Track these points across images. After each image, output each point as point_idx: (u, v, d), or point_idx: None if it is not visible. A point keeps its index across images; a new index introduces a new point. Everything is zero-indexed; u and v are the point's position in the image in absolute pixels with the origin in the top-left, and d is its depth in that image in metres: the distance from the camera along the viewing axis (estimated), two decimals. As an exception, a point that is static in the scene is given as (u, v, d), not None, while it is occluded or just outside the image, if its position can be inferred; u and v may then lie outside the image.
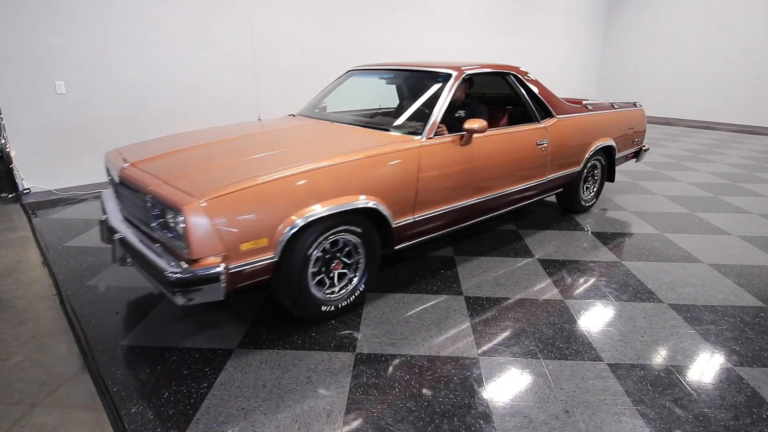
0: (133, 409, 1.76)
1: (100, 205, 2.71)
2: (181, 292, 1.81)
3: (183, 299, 1.83)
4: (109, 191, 2.70)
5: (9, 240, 3.45)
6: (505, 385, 1.92)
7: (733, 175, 5.93)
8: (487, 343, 2.20)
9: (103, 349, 2.12)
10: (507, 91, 3.46)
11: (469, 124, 2.65)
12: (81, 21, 4.42)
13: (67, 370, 1.99)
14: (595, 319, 2.44)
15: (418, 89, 3.32)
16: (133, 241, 2.14)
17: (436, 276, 2.87)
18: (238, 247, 1.89)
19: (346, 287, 2.40)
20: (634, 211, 4.26)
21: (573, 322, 2.40)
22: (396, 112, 3.66)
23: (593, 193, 4.18)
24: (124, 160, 2.41)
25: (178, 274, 1.80)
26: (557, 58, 10.86)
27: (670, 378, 1.99)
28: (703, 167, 6.34)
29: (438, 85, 2.91)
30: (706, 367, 2.08)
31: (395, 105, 3.85)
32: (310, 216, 2.04)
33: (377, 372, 1.98)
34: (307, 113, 3.44)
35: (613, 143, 4.01)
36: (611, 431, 1.69)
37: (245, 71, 5.67)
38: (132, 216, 2.29)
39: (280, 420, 1.71)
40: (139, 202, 2.12)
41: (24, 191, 4.40)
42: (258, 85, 5.77)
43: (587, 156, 3.75)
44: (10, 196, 4.40)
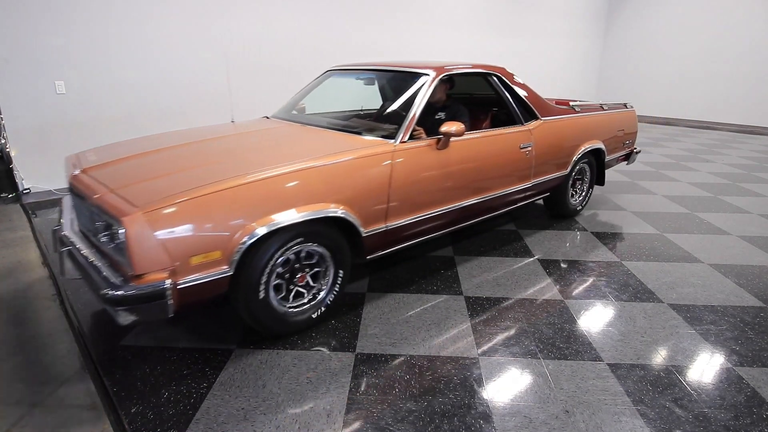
0: (133, 409, 1.76)
1: (57, 214, 2.50)
2: (124, 310, 1.68)
3: (127, 318, 1.70)
4: (68, 199, 2.54)
5: (9, 240, 3.45)
6: (505, 385, 1.92)
7: (733, 175, 5.93)
8: (487, 343, 2.20)
9: (103, 349, 2.12)
10: (491, 92, 3.34)
11: (446, 127, 2.52)
12: (81, 21, 4.42)
13: (67, 370, 1.99)
14: (595, 319, 2.44)
15: (397, 90, 3.21)
16: (78, 254, 2.00)
17: (436, 276, 2.87)
18: (188, 261, 1.76)
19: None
20: (634, 211, 4.26)
21: (573, 322, 2.40)
22: (375, 114, 3.56)
23: (582, 197, 4.05)
24: (75, 165, 2.30)
25: (118, 291, 1.67)
26: (557, 58, 10.86)
27: (670, 378, 1.99)
28: (703, 167, 6.34)
29: (415, 85, 2.78)
30: (706, 367, 2.08)
31: (378, 105, 3.72)
32: (269, 227, 1.91)
33: (377, 372, 1.98)
34: (282, 115, 3.28)
35: (602, 146, 3.88)
36: (611, 431, 1.69)
37: (245, 71, 5.67)
38: (83, 226, 2.15)
39: (280, 420, 1.71)
40: (87, 212, 2.01)
41: (24, 191, 4.40)
42: (257, 85, 5.77)
43: (575, 159, 3.62)
44: (10, 196, 4.40)
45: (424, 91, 2.69)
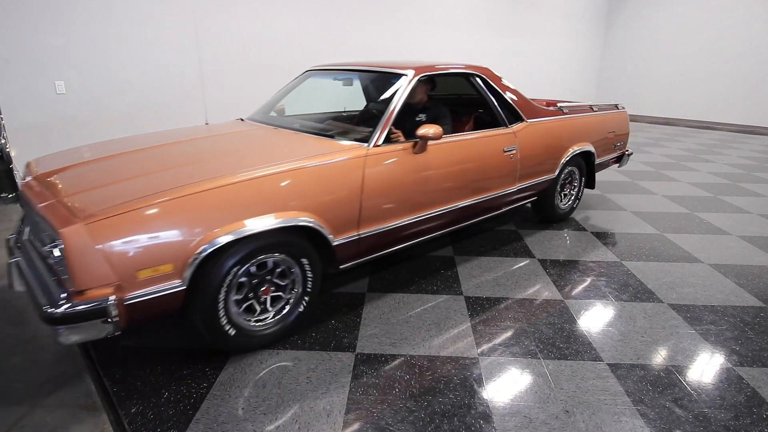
0: (133, 409, 1.76)
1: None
2: (65, 329, 1.57)
3: (68, 338, 1.58)
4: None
5: (9, 240, 3.44)
6: (505, 385, 1.92)
7: (733, 175, 5.93)
8: (487, 343, 2.20)
9: (103, 349, 2.12)
10: (475, 93, 3.22)
11: (423, 130, 2.40)
12: (81, 21, 4.42)
13: (67, 370, 1.99)
14: (595, 319, 2.44)
15: (377, 91, 3.12)
16: (24, 266, 1.88)
17: (436, 276, 2.87)
18: (135, 275, 1.64)
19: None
20: (634, 211, 4.26)
21: (573, 322, 2.40)
22: (355, 116, 3.46)
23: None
24: (29, 172, 2.18)
25: (58, 309, 1.55)
26: (557, 58, 10.86)
27: (670, 378, 1.99)
28: (703, 167, 6.34)
29: (393, 86, 2.65)
30: (706, 367, 2.08)
31: (362, 106, 3.60)
32: (224, 238, 1.77)
33: (377, 372, 1.98)
34: (257, 117, 3.14)
35: (591, 148, 3.75)
36: (611, 431, 1.69)
37: (246, 71, 5.67)
38: (33, 237, 2.02)
39: (280, 420, 1.71)
40: (34, 222, 1.91)
41: (24, 191, 4.40)
42: (257, 85, 5.76)
43: (563, 162, 3.50)
44: (10, 196, 4.40)
45: (400, 93, 2.57)
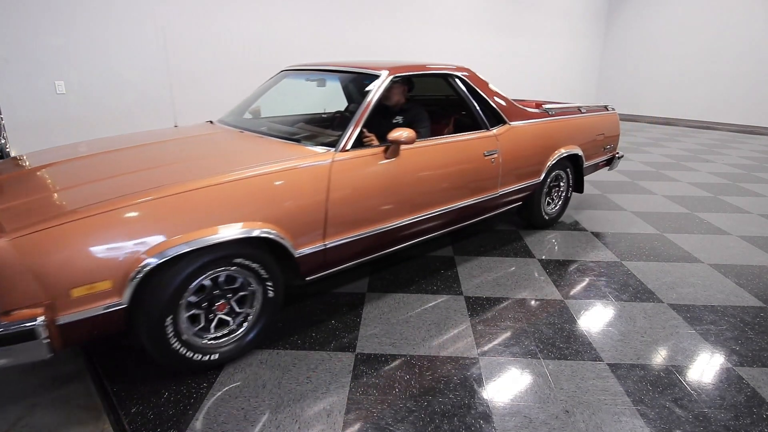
0: (133, 409, 1.76)
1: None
2: None
3: None
4: None
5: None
6: (505, 385, 1.92)
7: (733, 175, 5.93)
8: (487, 343, 2.20)
9: (103, 350, 2.12)
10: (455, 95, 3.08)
11: (395, 133, 2.29)
12: (81, 21, 4.43)
13: (67, 370, 1.98)
14: (595, 319, 2.44)
15: (353, 91, 3.00)
16: None
17: (436, 276, 2.87)
18: (68, 293, 1.51)
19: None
20: (634, 211, 4.26)
21: (573, 322, 2.40)
22: (329, 119, 3.34)
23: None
24: None
25: None
26: (557, 58, 10.86)
27: (670, 378, 1.99)
28: (703, 167, 6.34)
29: (366, 87, 2.53)
30: (706, 367, 2.08)
31: (343, 108, 3.48)
32: (172, 251, 1.64)
33: (377, 372, 1.98)
34: (227, 119, 3.00)
35: (579, 151, 3.63)
36: (611, 431, 1.69)
37: (246, 71, 5.68)
38: None
39: (280, 420, 1.71)
40: None
41: (24, 191, 4.40)
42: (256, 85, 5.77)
43: (549, 165, 3.38)
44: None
45: (372, 94, 2.45)
